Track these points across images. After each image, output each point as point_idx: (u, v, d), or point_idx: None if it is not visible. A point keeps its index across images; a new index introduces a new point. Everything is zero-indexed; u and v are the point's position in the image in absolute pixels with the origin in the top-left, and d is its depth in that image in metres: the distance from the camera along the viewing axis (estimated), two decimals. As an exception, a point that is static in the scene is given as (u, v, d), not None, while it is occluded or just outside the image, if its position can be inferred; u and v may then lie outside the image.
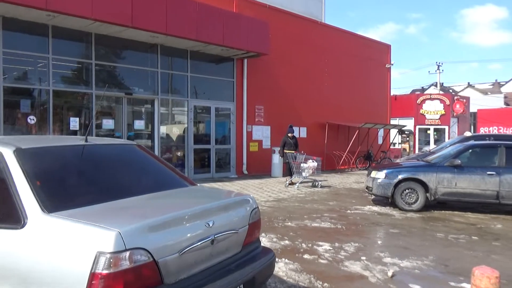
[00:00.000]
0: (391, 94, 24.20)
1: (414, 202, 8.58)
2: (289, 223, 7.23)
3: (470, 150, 8.77)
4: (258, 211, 3.40)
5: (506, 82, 64.16)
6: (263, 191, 11.11)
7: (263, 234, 6.31)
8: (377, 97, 21.14)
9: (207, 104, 14.13)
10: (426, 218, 8.07)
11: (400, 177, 8.66)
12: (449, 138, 28.30)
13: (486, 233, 6.92)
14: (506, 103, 44.97)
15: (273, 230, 6.67)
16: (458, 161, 8.43)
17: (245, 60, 14.76)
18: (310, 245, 5.84)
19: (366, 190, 9.59)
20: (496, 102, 41.88)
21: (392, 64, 21.99)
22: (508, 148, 8.41)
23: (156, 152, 12.57)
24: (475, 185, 8.30)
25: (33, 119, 10.22)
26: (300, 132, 16.76)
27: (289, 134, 12.79)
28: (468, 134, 14.25)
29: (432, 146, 28.12)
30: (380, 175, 8.91)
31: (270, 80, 15.68)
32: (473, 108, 33.96)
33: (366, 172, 17.55)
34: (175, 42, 12.33)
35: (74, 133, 11.05)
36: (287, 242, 5.97)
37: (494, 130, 31.69)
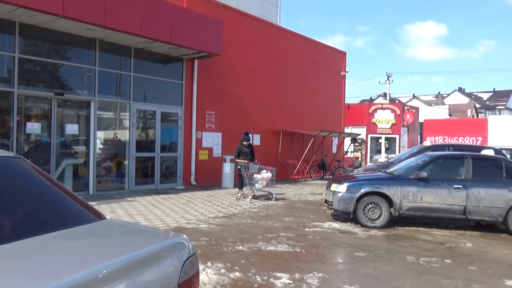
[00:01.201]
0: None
1: (378, 218, 7.85)
2: (241, 247, 6.20)
3: (435, 162, 8.19)
4: (195, 260, 2.32)
5: (448, 95, 67.39)
6: (212, 205, 10.02)
7: (209, 264, 5.23)
8: (332, 105, 20.70)
9: (152, 108, 12.85)
10: (391, 236, 7.33)
11: (363, 190, 7.90)
12: (399, 147, 28.59)
13: (458, 255, 6.24)
14: (450, 114, 46.85)
15: (222, 257, 5.60)
16: (424, 174, 7.80)
17: (196, 61, 13.65)
18: (265, 277, 4.84)
19: (325, 204, 8.76)
20: (440, 113, 43.42)
21: (347, 72, 21.72)
22: (474, 159, 7.91)
23: (92, 161, 11.14)
24: (442, 199, 7.70)
25: None
26: (254, 139, 15.81)
27: (244, 142, 11.80)
28: (427, 143, 13.94)
29: (383, 154, 28.26)
30: (341, 189, 8.11)
31: (222, 84, 14.66)
32: (419, 119, 34.78)
33: (320, 182, 17.03)
34: (117, 38, 11.01)
35: (-9, 137, 9.44)
36: (237, 274, 4.92)
37: (439, 140, 32.54)
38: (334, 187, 8.29)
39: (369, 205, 7.87)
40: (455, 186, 7.69)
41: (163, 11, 11.09)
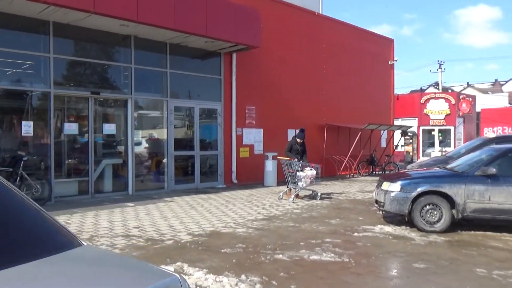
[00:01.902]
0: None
1: (437, 221, 6.90)
2: (280, 255, 5.53)
3: (506, 156, 7.10)
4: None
5: (507, 81, 62.72)
6: (252, 206, 9.42)
7: (243, 277, 4.62)
8: (380, 96, 19.48)
9: (190, 104, 12.44)
10: (454, 242, 6.38)
11: (419, 190, 6.97)
12: (455, 140, 26.69)
13: (540, 267, 5.24)
14: (510, 103, 43.41)
15: (258, 269, 4.97)
16: (492, 170, 6.75)
17: (234, 55, 13.09)
18: (307, 295, 4.15)
19: (376, 205, 7.90)
20: (499, 101, 40.34)
21: (396, 61, 20.37)
22: (554, 153, 6.75)
23: (130, 160, 10.89)
24: (515, 199, 6.62)
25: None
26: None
27: (298, 139, 10.68)
28: (490, 135, 12.57)
29: (437, 148, 26.51)
30: (394, 187, 7.22)
31: (262, 77, 14.02)
32: (476, 108, 32.38)
33: (369, 178, 15.98)
34: (151, 33, 10.65)
35: (29, 139, 9.37)
36: (275, 291, 4.27)
37: (498, 131, 30.15)
38: (385, 185, 7.41)
39: (427, 206, 6.94)
40: (531, 183, 6.60)
41: (197, 3, 10.59)
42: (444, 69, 37.69)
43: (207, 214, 8.32)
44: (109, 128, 10.82)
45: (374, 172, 17.48)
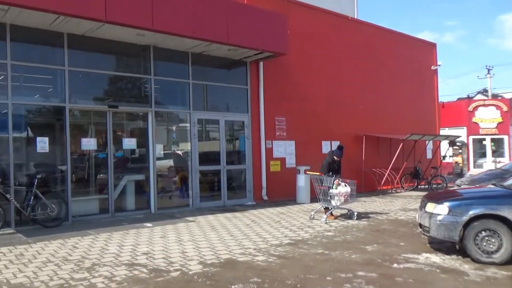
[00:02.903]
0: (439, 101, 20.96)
1: (496, 251, 5.71)
2: (301, 295, 4.60)
3: None
4: None
5: None
6: (279, 227, 8.50)
7: (249, 328, 3.73)
8: (423, 104, 18.04)
9: (215, 116, 11.76)
10: (519, 279, 5.19)
11: (472, 213, 5.81)
12: (510, 150, 24.50)
13: None
14: None
15: (271, 314, 4.07)
16: None
17: (261, 63, 12.33)
18: None
19: (420, 230, 6.76)
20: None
21: (439, 65, 18.89)
22: None
23: (152, 176, 10.31)
24: None
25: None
26: (332, 146, 14.03)
27: (336, 157, 9.54)
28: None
29: (489, 158, 24.44)
30: (440, 210, 6.10)
31: (292, 86, 13.16)
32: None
33: (414, 193, 14.57)
34: (170, 42, 10.09)
35: (44, 156, 8.98)
36: None
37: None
38: (430, 207, 6.29)
39: (483, 232, 5.77)
40: None
41: (217, 9, 9.95)
42: (493, 74, 35.31)
43: (227, 237, 7.49)
44: (129, 143, 10.30)
45: (419, 186, 16.06)
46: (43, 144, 8.79)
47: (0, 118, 8.42)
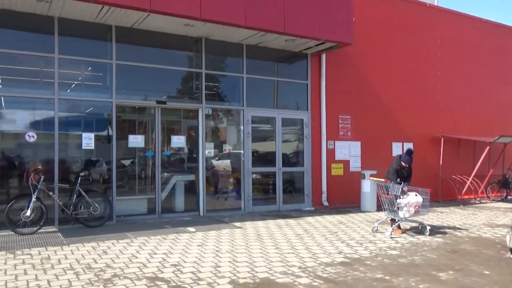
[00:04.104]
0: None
1: None
2: None
3: None
4: None
5: None
6: (334, 240, 7.39)
7: None
8: (515, 102, 15.65)
9: (271, 114, 10.86)
10: None
11: None
12: None
13: None
14: None
15: None
16: None
17: (323, 56, 11.22)
18: None
19: (511, 254, 5.31)
20: None
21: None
22: None
23: (201, 177, 9.70)
24: None
25: (34, 135, 8.05)
26: (404, 149, 12.50)
27: (404, 163, 8.11)
28: None
29: None
30: (542, 234, 4.65)
31: (359, 81, 11.88)
32: None
33: (502, 205, 12.38)
34: (223, 34, 9.38)
35: (89, 153, 8.71)
36: None
37: None
38: (527, 229, 4.85)
39: None
40: None
41: (272, -6, 9.05)
42: None
43: (271, 250, 6.56)
44: (178, 141, 9.77)
45: (508, 197, 13.87)
46: (88, 140, 8.51)
47: (46, 114, 8.27)
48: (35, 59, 8.21)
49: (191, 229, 8.10)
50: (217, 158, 10.68)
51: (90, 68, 8.76)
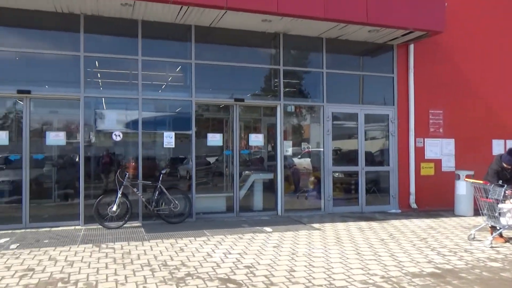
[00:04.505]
0: None
1: None
2: None
3: None
4: None
5: None
6: (423, 247, 6.71)
7: None
8: None
9: (353, 109, 10.28)
10: None
11: None
12: None
13: None
14: None
15: None
16: None
17: (411, 46, 10.37)
18: None
19: None
20: None
21: None
22: None
23: (279, 176, 9.51)
24: None
25: (119, 135, 8.45)
26: (506, 147, 11.14)
27: (505, 164, 7.15)
28: None
29: None
30: None
31: (452, 72, 10.81)
32: None
33: None
34: (301, 27, 9.06)
35: (170, 151, 8.95)
36: None
37: None
38: None
39: None
40: None
41: (353, -18, 8.51)
42: None
43: (350, 255, 6.12)
44: (256, 139, 9.63)
45: None
46: (169, 139, 8.73)
47: (131, 113, 8.64)
48: (121, 61, 8.60)
49: (268, 229, 7.92)
50: (299, 156, 10.39)
51: (171, 68, 8.98)
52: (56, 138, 8.29)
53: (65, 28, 8.24)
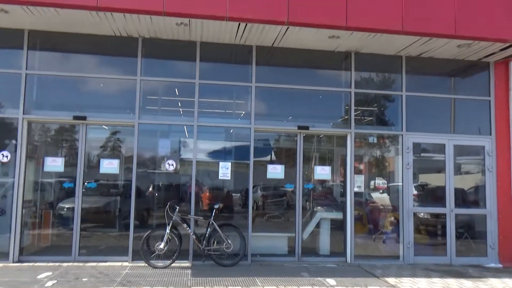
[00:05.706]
0: None
1: None
2: None
3: None
4: None
5: None
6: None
7: None
8: None
9: (439, 139, 8.70)
10: None
11: None
12: None
13: None
14: None
15: None
16: None
17: (511, 64, 8.67)
18: None
19: None
20: None
21: None
22: None
23: (349, 216, 8.20)
24: None
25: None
26: None
27: None
28: None
29: None
30: None
31: None
32: None
33: None
34: (377, 45, 7.88)
35: (226, 183, 8.13)
36: None
37: None
38: None
39: None
40: None
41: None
42: None
43: (438, 330, 4.67)
44: (323, 172, 8.46)
45: None
46: (225, 170, 7.91)
47: (185, 141, 8.02)
48: (179, 85, 8.09)
49: (331, 281, 6.62)
50: (380, 191, 8.99)
51: (228, 92, 8.27)
52: (109, 166, 7.88)
53: (123, 53, 7.97)
